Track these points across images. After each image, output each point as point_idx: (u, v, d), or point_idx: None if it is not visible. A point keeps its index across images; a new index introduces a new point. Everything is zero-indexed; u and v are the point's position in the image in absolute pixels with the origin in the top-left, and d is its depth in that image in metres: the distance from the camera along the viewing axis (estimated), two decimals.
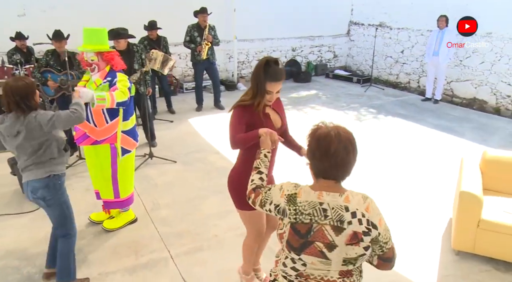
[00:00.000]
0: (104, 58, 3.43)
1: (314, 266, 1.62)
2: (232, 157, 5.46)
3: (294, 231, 1.61)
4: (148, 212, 4.14)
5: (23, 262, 3.35)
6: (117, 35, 5.07)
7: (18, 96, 2.63)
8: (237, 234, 3.77)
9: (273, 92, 2.41)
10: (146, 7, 7.90)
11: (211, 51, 7.34)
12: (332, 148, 1.56)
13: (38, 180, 2.76)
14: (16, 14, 7.49)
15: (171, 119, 7.11)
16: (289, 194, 1.67)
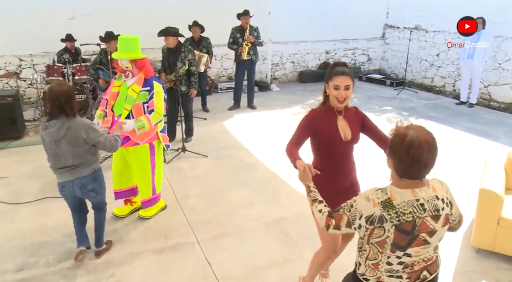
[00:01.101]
0: (137, 65, 3.64)
1: (418, 254, 1.75)
2: (260, 153, 5.68)
3: (400, 232, 1.68)
4: (178, 201, 4.42)
5: (66, 238, 3.69)
6: (166, 32, 5.43)
7: (62, 99, 2.87)
8: (260, 223, 3.98)
9: (340, 87, 2.39)
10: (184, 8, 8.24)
11: (254, 51, 7.62)
12: (423, 157, 1.63)
13: (87, 176, 3.13)
14: (66, 18, 8.08)
15: (204, 117, 7.42)
16: (382, 201, 1.70)
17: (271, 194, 4.55)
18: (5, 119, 5.99)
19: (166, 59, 5.74)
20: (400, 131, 1.70)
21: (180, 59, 5.61)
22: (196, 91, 5.91)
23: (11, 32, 7.62)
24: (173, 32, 5.50)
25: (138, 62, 3.63)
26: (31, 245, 3.62)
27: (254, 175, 5.07)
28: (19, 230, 3.87)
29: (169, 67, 5.71)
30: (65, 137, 2.92)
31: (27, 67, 7.84)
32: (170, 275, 3.24)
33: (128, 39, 3.65)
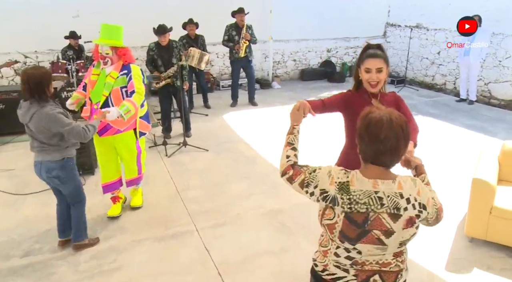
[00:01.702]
0: (117, 53, 3.61)
1: (370, 253, 1.61)
2: (260, 148, 5.77)
3: (349, 221, 1.56)
4: (179, 192, 4.52)
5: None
6: (165, 30, 5.61)
7: (32, 84, 2.83)
8: (258, 213, 4.07)
9: (371, 70, 2.32)
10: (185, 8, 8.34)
11: (249, 49, 7.70)
12: (382, 134, 1.50)
13: (55, 162, 3.07)
14: (71, 16, 8.21)
15: (206, 113, 7.52)
16: (340, 182, 1.60)
17: (270, 186, 4.64)
18: (10, 114, 6.09)
19: (158, 57, 5.83)
20: (365, 112, 1.60)
21: (174, 55, 5.72)
22: (188, 84, 6.04)
23: (16, 30, 7.75)
24: (169, 29, 5.64)
25: (119, 50, 3.61)
26: (36, 232, 3.73)
27: (253, 168, 5.16)
28: (25, 218, 3.99)
29: (163, 65, 5.81)
30: (30, 122, 2.93)
31: (32, 65, 7.97)
32: (170, 261, 3.34)
33: (111, 27, 3.61)
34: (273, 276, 3.16)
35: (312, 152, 5.57)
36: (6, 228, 3.83)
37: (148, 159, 5.40)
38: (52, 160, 3.06)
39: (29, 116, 2.90)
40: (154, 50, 5.82)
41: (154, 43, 5.79)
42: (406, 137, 1.54)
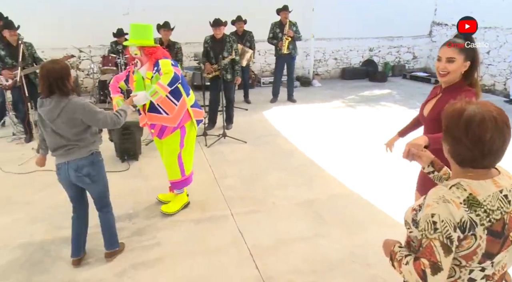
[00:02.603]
0: (145, 52, 3.46)
1: (501, 260, 1.37)
2: (298, 141, 5.85)
3: (492, 236, 1.30)
4: (217, 179, 4.68)
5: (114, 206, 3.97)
6: (220, 23, 5.83)
7: (52, 78, 2.67)
8: (293, 202, 4.15)
9: (441, 59, 2.19)
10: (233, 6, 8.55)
11: (293, 45, 7.80)
12: (487, 136, 1.27)
13: (84, 158, 2.87)
14: (121, 13, 8.65)
15: (246, 108, 7.70)
16: (465, 199, 1.30)
17: (306, 178, 4.71)
18: None
19: (211, 49, 6.06)
20: (456, 106, 1.35)
21: (226, 49, 5.91)
22: (240, 78, 6.21)
23: (72, 26, 8.28)
24: (224, 22, 5.85)
25: (146, 49, 3.46)
26: None
27: (290, 160, 5.25)
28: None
29: (214, 57, 6.02)
30: (60, 117, 2.73)
31: (85, 59, 8.48)
32: (205, 241, 3.50)
33: (138, 26, 3.47)
34: (304, 262, 3.23)
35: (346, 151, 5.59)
36: (60, 203, 4.11)
37: None
38: (80, 156, 2.86)
39: (58, 111, 2.72)
40: (208, 42, 6.07)
41: (209, 36, 6.04)
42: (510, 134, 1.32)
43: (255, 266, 3.15)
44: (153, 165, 5.11)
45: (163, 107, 3.58)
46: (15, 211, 4.02)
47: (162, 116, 3.61)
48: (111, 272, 3.09)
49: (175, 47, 6.49)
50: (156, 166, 5.06)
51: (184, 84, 3.69)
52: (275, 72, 8.25)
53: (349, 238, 3.51)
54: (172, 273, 3.07)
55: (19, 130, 6.19)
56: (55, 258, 3.27)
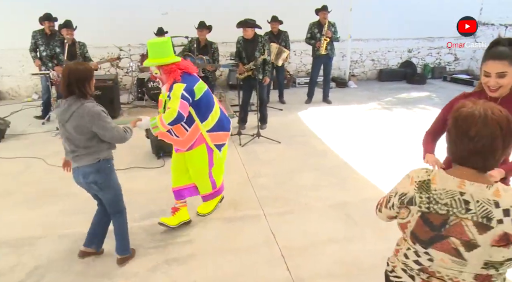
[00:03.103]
0: (164, 71, 3.27)
1: (444, 264, 1.40)
2: (332, 142, 5.79)
3: (424, 222, 1.40)
4: (250, 178, 4.71)
5: (148, 202, 4.18)
6: (245, 24, 5.80)
7: (73, 79, 2.65)
8: (325, 204, 4.12)
9: (490, 75, 1.99)
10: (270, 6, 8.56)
11: (331, 46, 7.73)
12: (472, 130, 1.29)
13: (90, 165, 2.82)
14: (161, 13, 8.87)
15: (280, 108, 7.70)
16: (420, 181, 1.43)
17: (339, 179, 4.66)
18: (105, 100, 6.77)
19: (243, 49, 6.09)
20: (458, 105, 1.39)
21: (258, 49, 5.93)
22: (269, 79, 6.22)
23: (113, 25, 8.56)
24: (251, 24, 5.85)
25: (164, 68, 3.27)
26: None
27: (324, 161, 5.21)
28: None
29: (246, 57, 6.06)
30: (70, 120, 2.69)
31: (125, 57, 8.71)
32: (236, 239, 3.53)
33: (154, 44, 3.26)
34: (336, 264, 3.20)
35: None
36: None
37: None
38: (87, 163, 2.82)
39: (69, 114, 2.68)
40: (240, 43, 6.11)
41: (241, 37, 6.07)
42: (506, 137, 1.29)
43: (286, 267, 3.15)
44: None
45: (174, 130, 3.43)
46: (60, 202, 4.22)
47: (172, 137, 3.49)
48: (145, 266, 3.17)
49: (211, 47, 6.57)
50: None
51: (201, 106, 3.42)
52: (312, 73, 8.20)
53: (382, 242, 3.44)
54: (204, 270, 3.12)
55: None
56: None
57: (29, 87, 9.15)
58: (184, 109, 3.24)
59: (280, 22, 7.53)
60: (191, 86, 3.30)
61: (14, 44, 8.31)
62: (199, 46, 6.18)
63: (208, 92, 3.51)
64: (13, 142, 6.13)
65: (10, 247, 3.44)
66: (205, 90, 3.46)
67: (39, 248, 3.44)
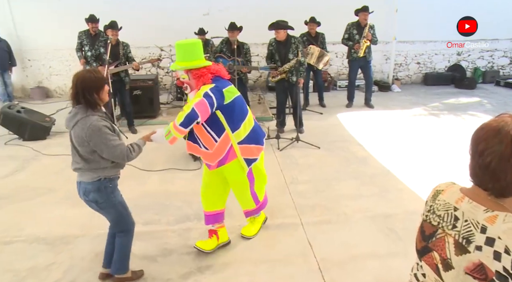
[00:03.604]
0: (193, 75, 2.94)
1: (431, 279, 1.32)
2: (373, 149, 5.54)
3: (420, 230, 1.37)
4: (287, 184, 4.57)
5: (183, 204, 4.14)
6: (276, 26, 5.66)
7: (80, 87, 2.49)
8: (366, 215, 3.92)
9: None
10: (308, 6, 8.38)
11: (368, 49, 7.45)
12: (481, 144, 1.17)
13: (90, 183, 2.63)
14: (202, 13, 8.90)
15: (320, 112, 7.49)
16: (437, 190, 1.38)
17: (381, 189, 4.43)
18: (145, 99, 6.89)
19: (276, 51, 5.94)
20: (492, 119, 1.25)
21: (291, 50, 5.77)
22: (303, 80, 6.04)
23: (155, 26, 8.69)
24: (283, 25, 5.69)
25: (193, 72, 2.93)
26: (157, 205, 4.13)
27: (364, 168, 4.98)
28: (148, 192, 4.46)
29: (280, 60, 5.91)
30: (73, 129, 2.54)
31: (166, 57, 8.80)
32: (272, 249, 3.40)
33: (183, 45, 2.96)
34: (376, 281, 3.01)
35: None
36: (132, 197, 4.27)
37: None
38: (88, 180, 2.62)
39: (74, 123, 2.53)
40: (273, 45, 5.98)
41: (274, 38, 5.93)
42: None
43: (323, 281, 2.99)
44: None
45: (202, 141, 3.05)
46: None
47: (201, 150, 3.10)
48: (177, 273, 3.11)
49: (243, 48, 6.42)
50: None
51: (232, 113, 3.02)
52: (350, 76, 7.94)
53: None
54: (237, 281, 3.02)
55: None
56: None
57: None
58: (201, 108, 2.80)
59: (318, 24, 7.30)
60: (220, 87, 2.93)
61: (62, 44, 8.59)
62: (231, 47, 6.09)
63: (241, 99, 3.13)
64: (58, 139, 6.32)
65: (48, 245, 3.49)
66: (238, 96, 3.08)
67: (76, 248, 3.47)
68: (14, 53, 8.44)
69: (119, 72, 6.02)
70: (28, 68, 9.31)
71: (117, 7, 8.47)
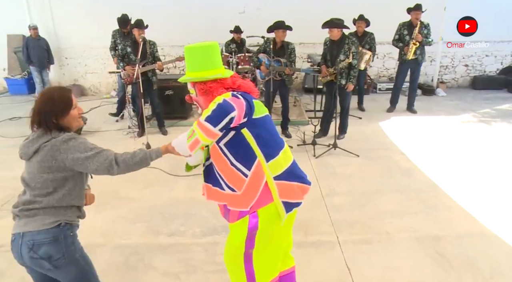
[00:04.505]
0: (199, 91, 2.11)
1: None
2: (418, 160, 5.09)
3: None
4: (323, 196, 4.22)
5: (210, 214, 3.86)
6: (330, 24, 5.28)
7: (42, 109, 1.94)
8: (411, 236, 3.51)
9: None
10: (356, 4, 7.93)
11: (421, 50, 6.94)
12: None
13: (44, 231, 1.90)
14: (237, 12, 8.65)
15: (360, 116, 7.06)
16: None
17: (428, 206, 4.00)
18: (176, 100, 6.69)
19: (328, 51, 5.57)
20: None
21: (343, 51, 5.37)
22: (353, 86, 5.60)
23: (190, 25, 8.53)
24: (338, 24, 5.28)
25: (198, 87, 2.11)
26: (183, 214, 3.89)
27: (409, 181, 4.55)
28: (175, 199, 4.24)
29: (330, 60, 5.54)
30: (34, 157, 1.93)
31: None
32: (307, 270, 3.07)
33: (189, 50, 2.12)
34: None
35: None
36: (160, 204, 4.11)
37: (296, 156, 5.18)
38: (39, 228, 1.89)
39: (35, 149, 1.92)
40: (327, 44, 5.61)
41: (328, 37, 5.55)
42: None
43: None
44: None
45: (224, 178, 2.10)
46: (119, 207, 4.09)
47: (224, 193, 2.12)
48: None
49: (288, 48, 6.01)
50: None
51: (265, 134, 2.08)
52: (397, 79, 7.44)
53: None
54: None
55: (134, 124, 6.44)
56: (148, 266, 3.15)
57: (109, 84, 9.44)
58: (236, 102, 1.92)
59: (367, 22, 6.84)
60: (246, 96, 2.05)
61: (98, 42, 8.57)
62: (275, 47, 5.72)
63: (271, 121, 2.21)
64: (88, 138, 6.16)
65: None
66: (268, 115, 2.17)
67: (96, 258, 3.23)
68: (52, 52, 8.50)
69: (146, 71, 5.84)
70: (65, 66, 9.39)
71: (151, 4, 8.36)
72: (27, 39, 8.21)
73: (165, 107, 6.53)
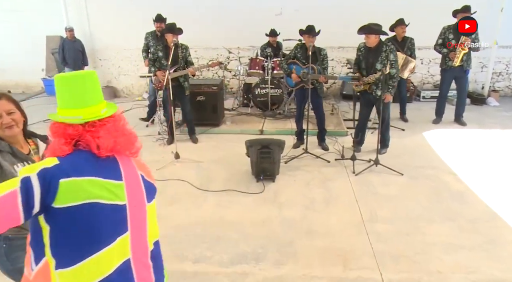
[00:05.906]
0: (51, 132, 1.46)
1: None
2: (472, 182, 4.57)
3: None
4: (364, 222, 3.80)
5: (240, 237, 3.56)
6: (368, 30, 4.82)
7: None
8: (468, 278, 3.06)
9: None
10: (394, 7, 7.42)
11: (467, 57, 6.35)
12: None
13: None
14: (273, 14, 8.29)
15: (402, 128, 6.53)
16: None
17: (487, 239, 3.50)
18: (208, 106, 6.42)
19: (363, 58, 5.11)
20: None
21: (380, 60, 4.91)
22: (391, 96, 5.10)
23: (224, 27, 8.27)
24: (376, 30, 4.81)
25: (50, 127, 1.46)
26: (210, 237, 3.59)
27: (462, 208, 4.05)
28: (202, 218, 3.94)
29: (366, 68, 5.09)
30: None
31: (234, 59, 8.35)
32: None
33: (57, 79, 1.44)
34: None
35: None
36: (187, 223, 3.83)
37: (334, 173, 4.88)
38: None
39: None
40: (361, 50, 5.15)
41: (363, 43, 5.10)
42: None
43: None
44: (290, 189, 4.51)
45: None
46: None
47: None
48: None
49: (320, 54, 5.52)
50: (293, 190, 4.47)
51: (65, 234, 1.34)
52: (441, 88, 6.85)
53: None
54: None
55: (164, 130, 6.24)
56: None
57: (141, 87, 9.32)
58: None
59: (407, 26, 6.33)
60: (58, 172, 1.31)
61: (132, 44, 8.44)
62: (306, 53, 5.29)
63: (109, 209, 1.39)
64: None
65: None
66: (97, 202, 1.36)
67: None
68: (87, 53, 8.47)
69: (177, 77, 5.57)
70: (99, 68, 9.33)
71: (185, 6, 8.16)
72: (63, 40, 8.25)
73: (196, 114, 6.26)
